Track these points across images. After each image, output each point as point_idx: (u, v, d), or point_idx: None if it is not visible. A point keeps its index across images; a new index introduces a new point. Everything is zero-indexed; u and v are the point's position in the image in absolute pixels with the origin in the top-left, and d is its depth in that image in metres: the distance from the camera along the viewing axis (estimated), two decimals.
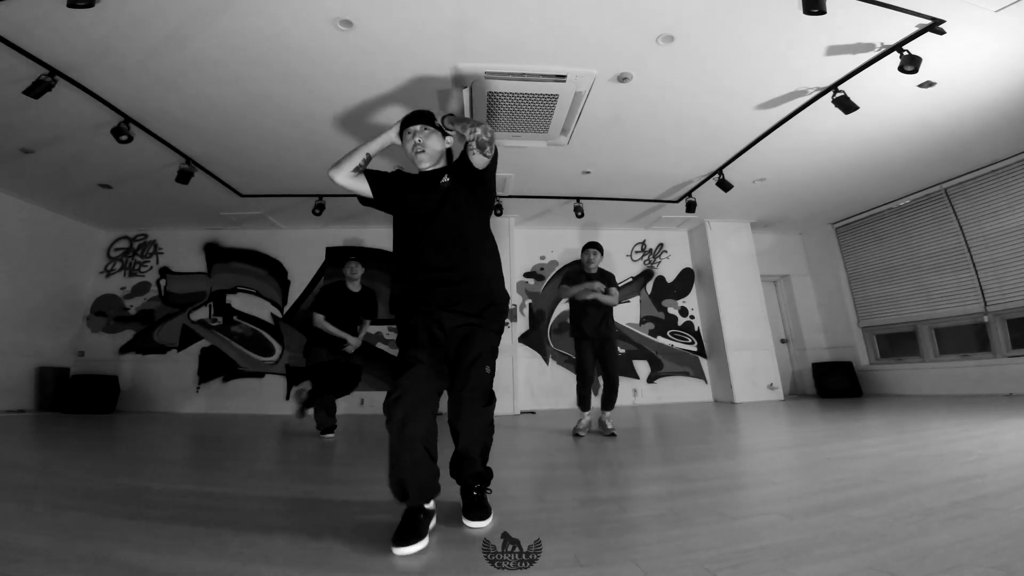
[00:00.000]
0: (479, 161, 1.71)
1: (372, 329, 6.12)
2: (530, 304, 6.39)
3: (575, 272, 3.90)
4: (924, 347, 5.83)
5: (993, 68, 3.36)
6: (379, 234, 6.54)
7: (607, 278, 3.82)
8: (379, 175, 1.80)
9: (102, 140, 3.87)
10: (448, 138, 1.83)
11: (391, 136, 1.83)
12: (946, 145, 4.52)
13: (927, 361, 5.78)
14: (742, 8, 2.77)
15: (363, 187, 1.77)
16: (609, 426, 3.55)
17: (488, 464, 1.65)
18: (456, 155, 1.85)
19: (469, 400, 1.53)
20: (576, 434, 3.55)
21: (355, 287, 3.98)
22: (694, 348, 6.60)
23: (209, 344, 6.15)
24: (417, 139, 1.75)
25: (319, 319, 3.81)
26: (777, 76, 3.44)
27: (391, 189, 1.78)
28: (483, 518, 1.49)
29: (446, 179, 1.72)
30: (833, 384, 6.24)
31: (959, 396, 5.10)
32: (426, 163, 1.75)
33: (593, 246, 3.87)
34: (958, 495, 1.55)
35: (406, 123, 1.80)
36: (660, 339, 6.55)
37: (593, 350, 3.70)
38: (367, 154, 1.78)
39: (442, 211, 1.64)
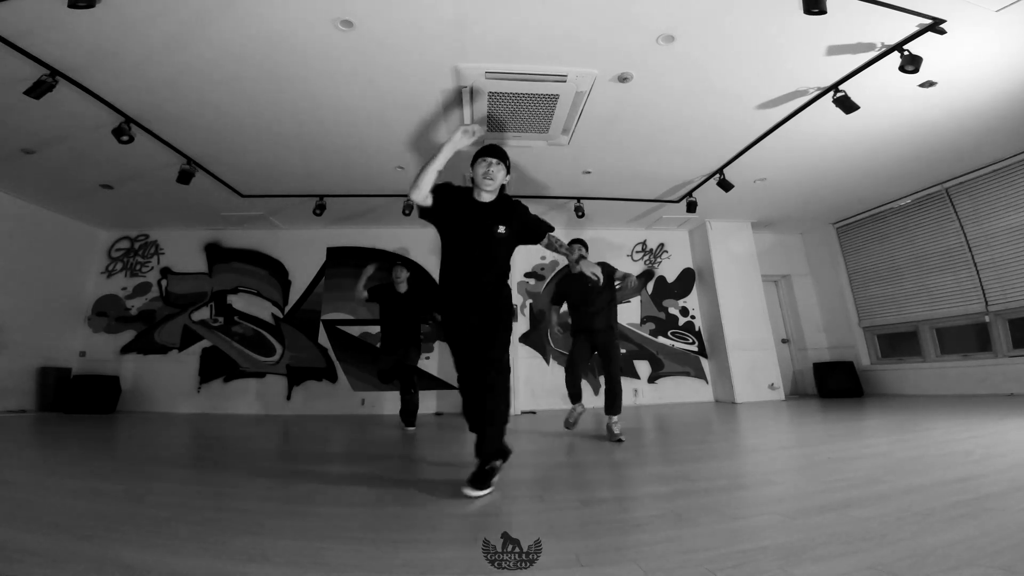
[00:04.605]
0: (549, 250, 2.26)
1: (370, 329, 6.15)
2: (531, 304, 6.39)
3: (565, 277, 3.74)
4: (925, 347, 5.82)
5: (994, 68, 3.35)
6: (379, 235, 6.57)
7: (606, 271, 3.51)
8: (445, 192, 2.06)
9: (103, 140, 3.87)
10: (509, 176, 2.12)
11: (457, 141, 2.01)
12: (947, 145, 4.51)
13: (928, 361, 5.77)
14: (743, 8, 2.77)
15: (428, 200, 2.01)
16: (616, 431, 3.23)
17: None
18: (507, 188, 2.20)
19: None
20: (567, 424, 3.56)
21: (402, 288, 4.29)
22: (695, 348, 6.59)
23: (210, 344, 6.15)
24: (491, 169, 2.02)
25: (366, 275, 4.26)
26: (778, 76, 3.43)
27: (450, 206, 2.04)
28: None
29: (502, 230, 2.04)
30: (834, 384, 6.23)
31: (960, 396, 5.09)
32: (488, 196, 2.07)
33: (577, 242, 3.58)
34: (959, 495, 1.55)
35: (485, 152, 2.06)
36: (661, 339, 6.55)
37: (590, 344, 3.50)
38: (438, 171, 2.00)
39: (490, 246, 2.05)
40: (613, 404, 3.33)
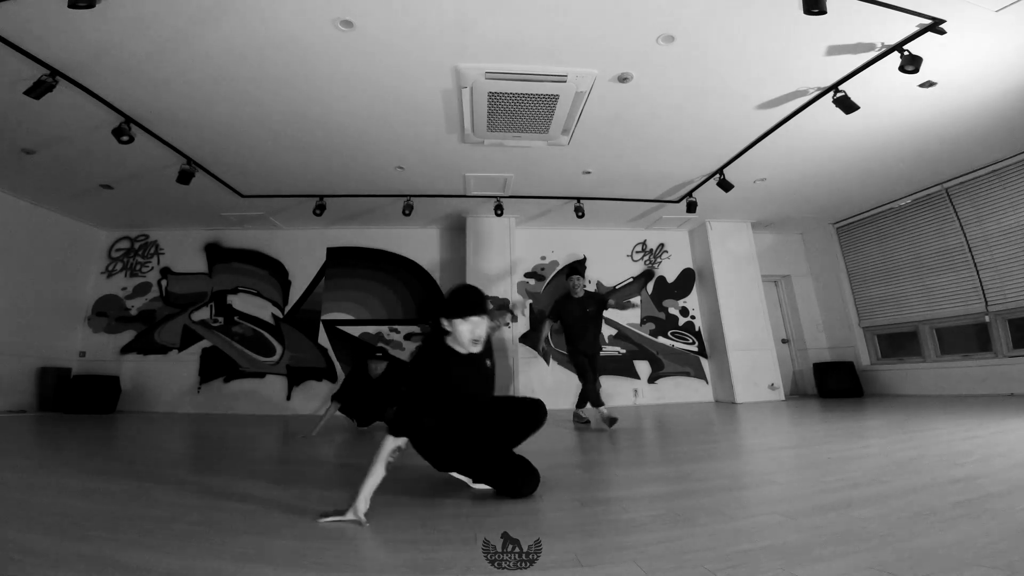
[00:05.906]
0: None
1: (372, 330, 6.18)
2: (531, 304, 6.39)
3: (563, 298, 4.28)
4: (925, 347, 5.82)
5: (993, 68, 3.35)
6: (379, 235, 6.57)
7: (597, 299, 4.22)
8: (427, 387, 1.91)
9: (103, 140, 3.88)
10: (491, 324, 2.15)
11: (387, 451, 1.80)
12: (947, 145, 4.51)
13: (928, 361, 5.76)
14: (743, 8, 2.77)
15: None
16: (583, 416, 4.16)
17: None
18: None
19: None
20: (609, 423, 3.73)
21: (376, 373, 4.17)
22: (695, 348, 6.59)
23: (210, 344, 6.15)
24: (477, 332, 1.97)
25: (332, 407, 4.06)
26: (778, 76, 3.43)
27: (438, 374, 1.95)
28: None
29: (489, 362, 2.10)
30: (834, 384, 6.23)
31: (960, 396, 5.09)
32: (479, 349, 2.02)
33: (574, 272, 4.20)
34: (959, 495, 1.55)
35: (466, 311, 1.96)
36: (661, 339, 6.54)
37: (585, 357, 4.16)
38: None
39: (483, 382, 2.09)
40: (583, 404, 4.21)
